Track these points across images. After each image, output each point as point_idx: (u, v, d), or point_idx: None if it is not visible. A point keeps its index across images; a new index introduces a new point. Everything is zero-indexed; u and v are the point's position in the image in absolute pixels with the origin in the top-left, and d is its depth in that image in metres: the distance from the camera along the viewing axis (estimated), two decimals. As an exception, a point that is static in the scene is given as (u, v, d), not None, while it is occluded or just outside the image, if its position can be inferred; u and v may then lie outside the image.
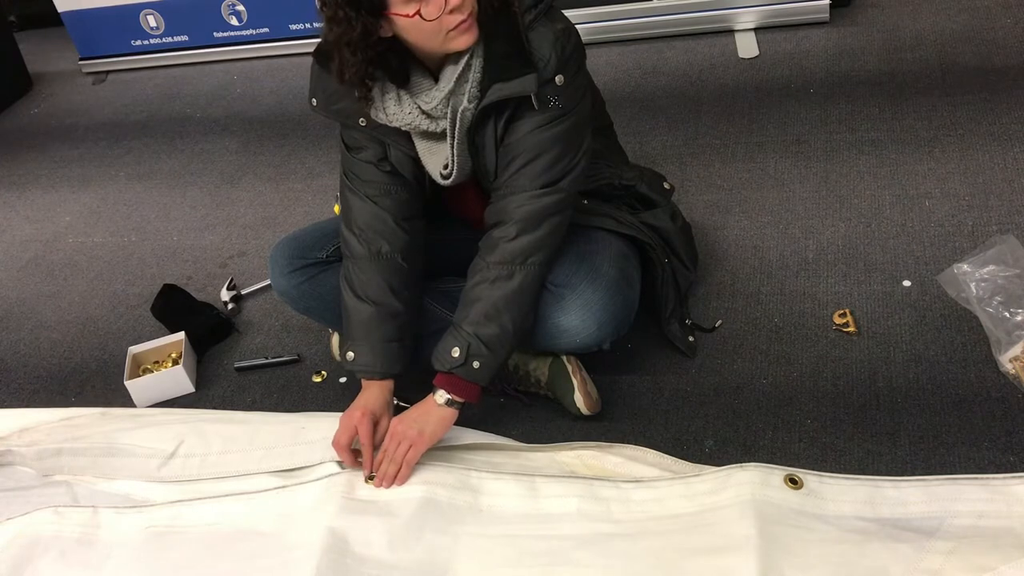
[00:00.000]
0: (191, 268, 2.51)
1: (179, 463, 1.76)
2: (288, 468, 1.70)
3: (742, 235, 2.14)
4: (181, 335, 2.14)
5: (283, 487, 1.64)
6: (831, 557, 1.34)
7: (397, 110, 1.58)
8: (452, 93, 1.55)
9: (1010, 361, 1.65)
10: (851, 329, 1.81)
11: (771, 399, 1.72)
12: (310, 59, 1.62)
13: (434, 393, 1.62)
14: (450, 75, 1.53)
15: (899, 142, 2.30)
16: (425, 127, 1.59)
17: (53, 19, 3.82)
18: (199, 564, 1.54)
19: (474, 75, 1.53)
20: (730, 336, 1.88)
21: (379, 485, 1.59)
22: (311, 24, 3.52)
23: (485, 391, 1.63)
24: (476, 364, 1.58)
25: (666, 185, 1.90)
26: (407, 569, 1.46)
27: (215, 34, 3.67)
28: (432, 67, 1.56)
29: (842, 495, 1.45)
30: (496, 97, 1.53)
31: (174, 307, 2.30)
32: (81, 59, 3.88)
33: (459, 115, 1.57)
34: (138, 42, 3.77)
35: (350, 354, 1.70)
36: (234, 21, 3.61)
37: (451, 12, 1.42)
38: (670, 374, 1.82)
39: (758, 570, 1.30)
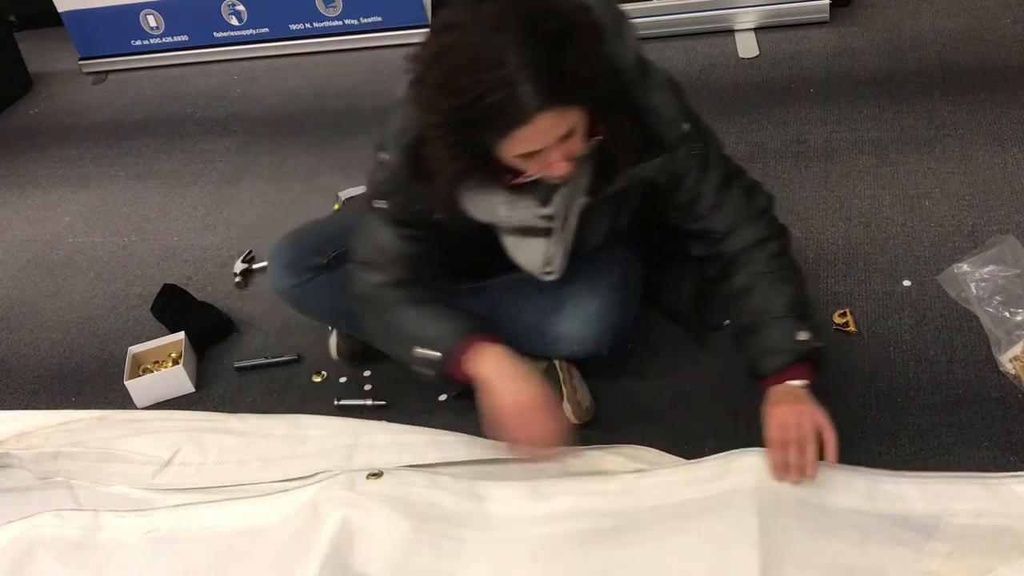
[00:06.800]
0: (191, 268, 2.50)
1: (174, 471, 1.76)
2: (284, 479, 1.70)
3: (742, 235, 2.13)
4: (181, 335, 2.14)
5: (285, 491, 1.64)
6: (830, 556, 1.34)
7: (508, 212, 1.45)
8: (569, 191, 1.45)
9: (1010, 361, 1.66)
10: (851, 329, 1.81)
11: (771, 399, 1.72)
12: (310, 59, 1.60)
13: (785, 384, 1.47)
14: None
15: (899, 142, 2.30)
16: (539, 225, 1.48)
17: (53, 19, 3.81)
18: (200, 567, 1.54)
19: (586, 168, 1.43)
20: (731, 336, 1.88)
21: (795, 479, 1.42)
22: (311, 24, 3.51)
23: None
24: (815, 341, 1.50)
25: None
26: (412, 572, 1.46)
27: (215, 34, 3.66)
28: None
29: (842, 484, 1.44)
30: (624, 184, 1.47)
31: (174, 307, 2.30)
32: (81, 59, 3.87)
33: (570, 211, 1.48)
34: (138, 42, 3.76)
35: (421, 350, 1.52)
36: (234, 21, 3.61)
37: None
38: (670, 374, 1.82)
39: (759, 566, 1.31)
